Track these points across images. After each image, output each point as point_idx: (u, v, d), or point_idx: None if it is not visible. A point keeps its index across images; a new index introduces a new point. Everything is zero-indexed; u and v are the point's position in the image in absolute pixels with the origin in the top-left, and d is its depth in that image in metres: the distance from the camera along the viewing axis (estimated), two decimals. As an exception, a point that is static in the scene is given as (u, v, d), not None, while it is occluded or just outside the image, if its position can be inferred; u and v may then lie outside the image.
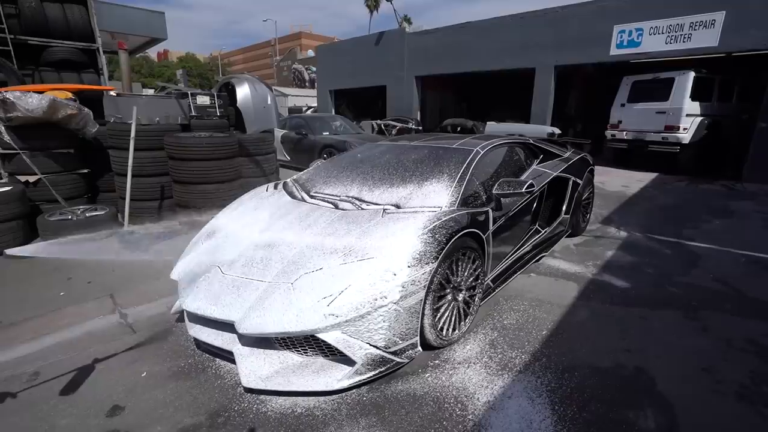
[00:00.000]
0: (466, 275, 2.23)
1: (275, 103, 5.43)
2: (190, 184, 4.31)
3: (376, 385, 1.90)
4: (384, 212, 2.28)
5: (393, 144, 3.33)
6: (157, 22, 14.37)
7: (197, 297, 2.03)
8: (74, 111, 4.02)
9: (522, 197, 2.89)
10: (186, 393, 1.89)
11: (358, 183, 2.79)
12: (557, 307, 2.70)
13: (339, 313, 1.72)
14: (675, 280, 3.17)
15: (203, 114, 5.11)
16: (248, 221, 2.54)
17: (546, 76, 9.74)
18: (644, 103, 8.35)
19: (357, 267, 1.84)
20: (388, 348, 1.85)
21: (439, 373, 2.00)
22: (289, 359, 1.88)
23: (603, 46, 8.71)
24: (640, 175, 8.10)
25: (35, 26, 6.21)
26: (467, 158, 2.75)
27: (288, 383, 1.79)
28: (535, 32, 9.69)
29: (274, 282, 1.92)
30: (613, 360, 2.11)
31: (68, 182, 4.40)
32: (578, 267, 3.40)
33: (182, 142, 4.17)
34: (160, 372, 2.06)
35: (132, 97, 4.43)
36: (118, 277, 3.25)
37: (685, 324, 2.50)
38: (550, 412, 1.73)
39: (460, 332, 2.26)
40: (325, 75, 16.58)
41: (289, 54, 45.82)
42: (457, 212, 2.23)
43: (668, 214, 5.22)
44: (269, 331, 1.75)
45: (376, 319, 1.78)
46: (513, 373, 1.99)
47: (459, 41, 11.32)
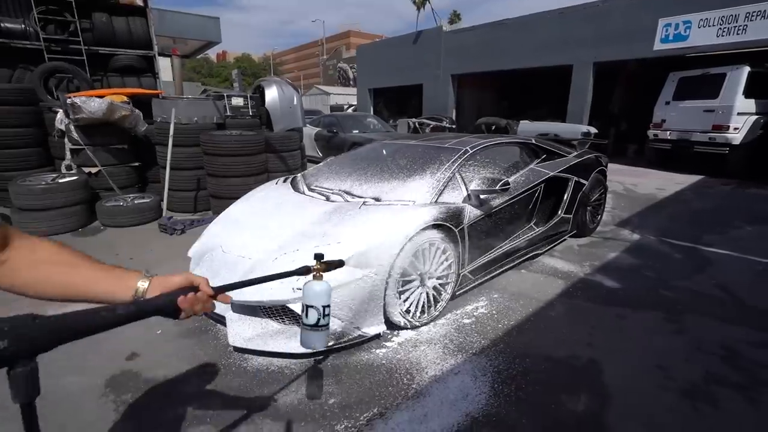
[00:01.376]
0: (434, 265, 2.43)
1: (301, 103, 5.85)
2: (221, 177, 4.82)
3: (342, 353, 2.18)
4: (363, 204, 2.54)
5: (394, 142, 3.56)
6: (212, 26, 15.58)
7: (201, 270, 2.43)
8: (128, 112, 4.67)
9: (509, 195, 3.01)
10: (188, 348, 2.29)
11: (353, 178, 3.07)
12: (535, 301, 2.81)
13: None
14: (672, 284, 3.11)
15: (237, 114, 5.64)
16: (254, 210, 2.91)
17: (584, 73, 9.38)
18: (691, 101, 7.82)
19: (326, 250, 2.11)
20: (351, 322, 2.12)
21: (400, 348, 2.23)
22: (269, 326, 2.21)
23: (646, 41, 8.24)
24: (681, 178, 7.62)
25: (105, 38, 7.14)
26: (453, 157, 2.93)
27: (264, 344, 2.12)
28: (574, 28, 9.36)
29: (260, 260, 2.25)
30: (570, 352, 2.22)
31: (122, 173, 5.10)
32: (573, 266, 3.43)
33: (215, 139, 4.68)
34: (171, 331, 2.48)
35: (174, 100, 5.04)
36: (155, 255, 3.79)
37: (662, 325, 2.51)
38: (488, 389, 1.90)
39: (429, 316, 2.47)
40: (365, 74, 17.01)
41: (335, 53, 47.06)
42: (428, 206, 2.43)
43: (696, 219, 4.97)
44: (248, 300, 2.08)
45: (340, 295, 2.05)
46: (467, 355, 2.18)
47: (496, 38, 11.19)
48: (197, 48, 17.58)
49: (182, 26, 14.44)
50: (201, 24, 15.37)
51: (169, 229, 4.32)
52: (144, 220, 4.64)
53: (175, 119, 4.66)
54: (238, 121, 5.62)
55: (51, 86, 6.25)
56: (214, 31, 15.45)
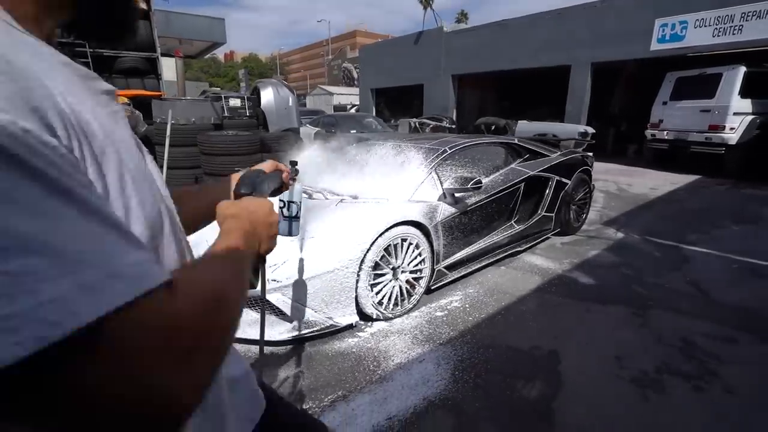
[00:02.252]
0: (406, 259, 2.55)
1: (296, 104, 5.99)
2: (218, 176, 4.98)
3: (316, 342, 2.31)
4: (340, 201, 2.66)
5: (376, 142, 3.68)
6: (217, 27, 15.82)
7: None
8: (127, 113, 4.85)
9: (485, 193, 3.12)
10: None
11: (336, 176, 3.19)
12: (509, 296, 2.91)
13: (280, 278, 2.14)
14: (645, 280, 3.20)
15: (234, 114, 5.80)
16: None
17: (582, 73, 9.41)
18: (687, 101, 7.82)
19: (299, 244, 2.25)
20: (323, 312, 2.25)
21: (371, 338, 2.35)
22: (247, 315, 2.34)
23: (643, 41, 8.25)
24: (676, 178, 7.63)
25: (109, 40, 7.35)
26: (430, 156, 3.04)
27: (243, 332, 2.25)
28: (572, 28, 9.39)
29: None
30: (534, 343, 2.32)
31: (123, 172, 5.28)
32: (553, 263, 3.53)
33: (211, 139, 4.85)
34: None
35: (172, 101, 5.22)
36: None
37: (627, 319, 2.60)
38: (449, 375, 2.02)
39: (402, 309, 2.59)
40: (367, 74, 17.14)
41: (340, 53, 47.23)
42: (401, 204, 2.55)
43: (684, 218, 5.02)
44: (228, 290, 2.22)
45: (312, 286, 2.18)
46: (434, 345, 2.29)
47: (495, 39, 11.25)
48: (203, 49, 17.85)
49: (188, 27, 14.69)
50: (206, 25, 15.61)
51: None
52: (143, 217, 4.82)
53: (173, 120, 4.83)
54: (235, 122, 5.79)
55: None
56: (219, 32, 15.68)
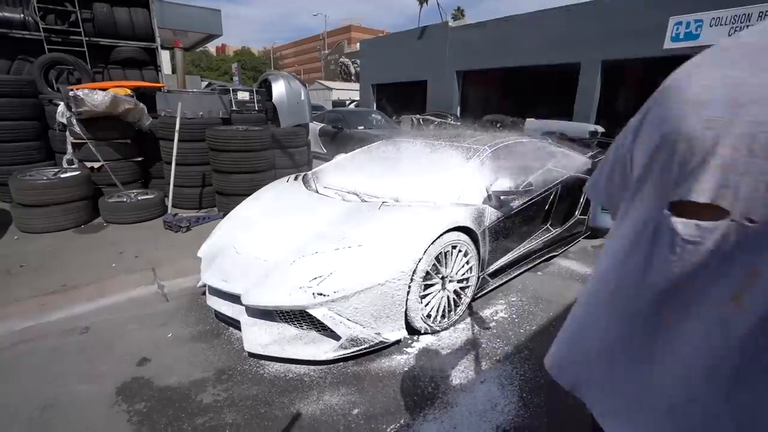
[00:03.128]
0: (455, 268, 2.35)
1: (308, 98, 5.74)
2: (227, 173, 4.72)
3: (362, 360, 2.10)
4: (382, 205, 2.45)
5: (406, 141, 3.47)
6: (213, 19, 15.36)
7: (213, 272, 2.34)
8: (131, 105, 4.56)
9: (526, 196, 2.93)
10: (201, 353, 2.21)
11: (368, 177, 2.98)
12: (555, 304, 2.74)
13: (326, 292, 1.93)
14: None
15: (243, 109, 5.53)
16: (265, 209, 2.82)
17: (591, 71, 9.29)
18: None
19: (347, 253, 2.04)
20: (372, 327, 2.04)
21: (421, 355, 2.16)
22: (286, 331, 2.13)
23: (656, 40, 8.14)
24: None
25: (106, 28, 6.98)
26: (472, 156, 2.84)
27: (282, 351, 2.04)
28: (582, 25, 9.24)
29: (276, 262, 2.17)
30: (597, 359, 2.15)
31: (126, 169, 4.98)
32: (589, 268, 3.37)
33: (221, 135, 4.58)
34: (183, 334, 2.39)
35: (179, 94, 4.93)
36: (161, 253, 3.70)
37: (688, 332, 2.44)
38: (517, 399, 1.83)
39: (449, 321, 2.40)
40: (368, 69, 16.86)
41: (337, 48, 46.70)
42: (451, 207, 2.35)
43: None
44: (266, 304, 2.00)
45: (361, 300, 1.97)
46: (491, 362, 2.10)
47: (502, 35, 11.07)
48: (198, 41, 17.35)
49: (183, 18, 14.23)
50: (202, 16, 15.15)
51: (174, 227, 4.23)
52: (147, 217, 4.54)
53: (181, 113, 4.55)
54: (243, 116, 5.51)
55: (51, 78, 6.11)
56: (216, 23, 15.22)
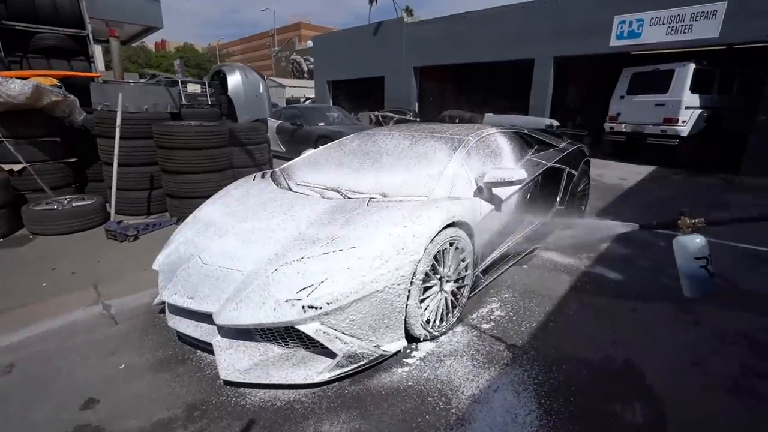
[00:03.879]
0: (453, 266, 2.18)
1: (268, 92, 5.33)
2: (179, 173, 4.23)
3: (359, 377, 1.86)
4: (370, 201, 2.22)
5: (383, 133, 3.25)
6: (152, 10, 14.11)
7: (176, 288, 1.97)
8: (59, 98, 3.93)
9: (514, 188, 2.83)
10: (164, 385, 1.85)
11: (346, 172, 2.73)
12: (548, 299, 2.66)
13: (318, 304, 1.66)
14: (669, 272, 3.11)
15: (194, 103, 5.01)
16: (232, 210, 2.47)
17: (545, 67, 9.61)
18: (643, 96, 8.25)
19: (339, 257, 1.78)
20: (370, 340, 1.80)
21: (424, 365, 1.95)
22: (269, 351, 1.83)
23: (603, 37, 8.57)
24: (638, 168, 8.03)
25: (23, 12, 6.07)
26: (458, 147, 2.68)
27: (267, 376, 1.74)
28: (535, 22, 9.53)
29: (254, 272, 1.86)
30: (602, 353, 2.07)
31: (55, 171, 4.31)
32: (572, 259, 3.35)
33: (171, 131, 4.08)
34: (138, 364, 2.01)
35: (119, 85, 4.34)
36: (104, 267, 3.19)
37: (677, 317, 2.45)
38: (536, 406, 1.68)
39: (447, 324, 2.22)
40: (323, 66, 16.39)
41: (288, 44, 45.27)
42: (444, 202, 2.17)
43: (663, 207, 5.17)
44: (245, 323, 1.69)
45: (358, 311, 1.73)
46: (500, 366, 1.95)
47: (458, 31, 11.16)
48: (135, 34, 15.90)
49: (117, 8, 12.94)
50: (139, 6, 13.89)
51: (120, 236, 3.70)
52: (86, 226, 3.95)
53: (123, 107, 3.99)
54: (195, 111, 4.99)
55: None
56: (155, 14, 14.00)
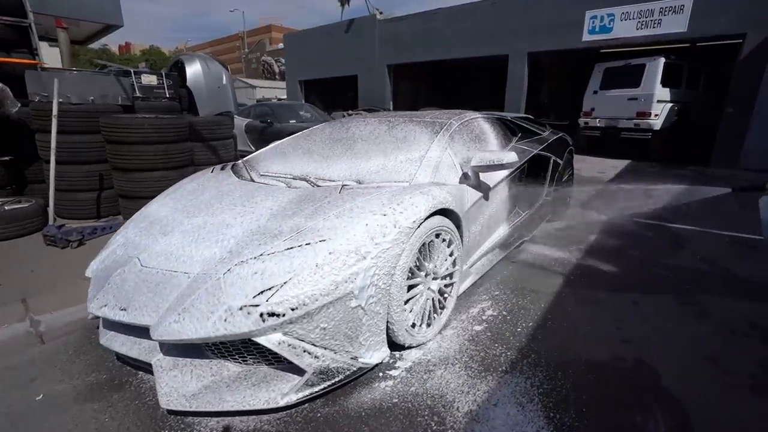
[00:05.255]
0: (440, 261, 1.91)
1: (231, 83, 4.95)
2: (131, 171, 3.79)
3: (335, 396, 1.55)
4: (342, 188, 1.92)
5: (358, 119, 2.96)
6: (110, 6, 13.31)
7: (106, 297, 1.61)
8: (-15, 86, 3.43)
9: (501, 175, 2.60)
10: (91, 419, 1.48)
11: (317, 159, 2.42)
12: (543, 295, 2.43)
13: (280, 310, 1.35)
14: (661, 262, 2.97)
15: (150, 95, 4.57)
16: (183, 205, 2.12)
17: (519, 63, 9.59)
18: (616, 90, 8.31)
19: (305, 252, 1.47)
20: (346, 351, 1.50)
21: (411, 378, 1.67)
22: (223, 370, 1.50)
23: (575, 32, 8.61)
24: (613, 162, 8.07)
25: (-49, -2, 5.43)
26: (440, 130, 2.43)
27: (220, 401, 1.41)
28: (508, 18, 9.51)
29: (202, 274, 1.53)
30: (610, 353, 1.84)
31: (-16, 171, 3.79)
32: (562, 252, 3.16)
33: (120, 123, 3.65)
34: (62, 392, 1.63)
35: (58, 72, 3.86)
36: (38, 277, 2.75)
37: (681, 309, 2.27)
38: (545, 421, 1.43)
39: (436, 328, 1.94)
40: (294, 65, 15.95)
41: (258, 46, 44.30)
42: (429, 186, 1.89)
43: (647, 198, 5.11)
44: (189, 338, 1.36)
45: (330, 317, 1.43)
46: (498, 375, 1.69)
47: (431, 28, 11.03)
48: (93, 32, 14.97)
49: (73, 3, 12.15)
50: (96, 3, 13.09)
51: (60, 241, 3.24)
52: (22, 232, 3.47)
53: (64, 98, 3.53)
54: (151, 104, 4.55)
55: None
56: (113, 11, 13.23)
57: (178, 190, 2.37)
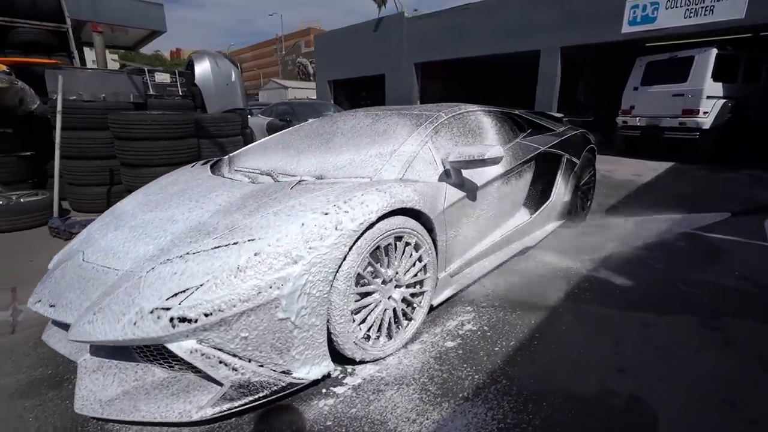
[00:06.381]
0: (404, 267, 1.70)
1: (241, 80, 4.96)
2: (138, 166, 3.86)
3: (267, 411, 1.39)
4: (298, 184, 1.76)
5: (348, 113, 2.80)
6: (155, 13, 14.11)
7: (42, 293, 1.56)
8: (4, 84, 3.62)
9: (494, 173, 2.34)
10: (17, 418, 1.42)
11: (292, 154, 2.29)
12: (536, 309, 2.15)
13: (193, 315, 1.21)
14: (689, 277, 2.56)
15: (163, 93, 4.67)
16: (148, 200, 2.05)
17: (551, 58, 9.04)
18: (660, 86, 7.60)
19: (229, 252, 1.33)
20: (275, 364, 1.34)
21: (355, 397, 1.48)
22: (149, 375, 1.39)
23: (614, 24, 7.96)
24: (654, 164, 7.37)
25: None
26: (422, 124, 2.21)
27: (134, 410, 1.29)
28: (540, 11, 8.98)
29: (128, 272, 1.43)
30: (601, 384, 1.55)
31: (7, 165, 4.01)
32: (571, 261, 2.82)
33: (127, 120, 3.72)
34: (5, 385, 1.59)
35: (71, 71, 4.02)
36: (35, 267, 2.82)
37: (702, 335, 1.91)
38: (496, 465, 1.19)
39: (399, 341, 1.74)
40: (324, 65, 16.10)
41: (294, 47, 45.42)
42: (389, 184, 1.69)
43: (683, 203, 4.56)
44: (99, 339, 1.25)
45: (252, 326, 1.27)
46: (456, 402, 1.46)
47: (460, 24, 10.68)
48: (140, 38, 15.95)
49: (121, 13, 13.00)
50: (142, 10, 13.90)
51: (63, 233, 3.34)
52: (35, 223, 3.62)
53: (76, 95, 3.66)
54: (164, 102, 4.65)
55: None
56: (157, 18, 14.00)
57: (154, 184, 2.32)
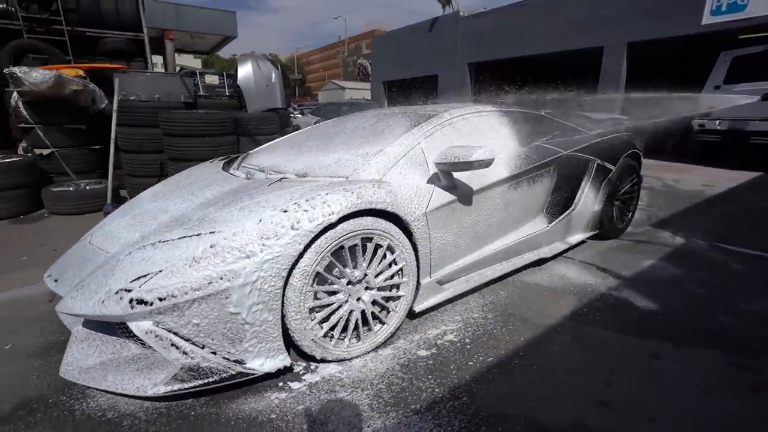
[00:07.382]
0: (374, 269, 1.67)
1: (281, 82, 5.20)
2: (182, 161, 4.22)
3: (221, 397, 1.46)
4: (278, 180, 1.81)
5: (362, 113, 2.82)
6: (228, 21, 15.39)
7: (54, 268, 1.78)
8: (79, 87, 4.16)
9: (496, 177, 2.20)
10: (25, 374, 1.66)
11: (293, 153, 2.36)
12: (532, 326, 1.99)
13: (149, 298, 1.30)
14: (733, 306, 2.20)
15: (212, 93, 5.06)
16: (162, 192, 2.24)
17: (616, 56, 8.26)
18: (747, 84, 6.61)
19: (189, 243, 1.41)
20: (228, 352, 1.39)
21: (306, 396, 1.48)
22: (125, 350, 1.52)
23: (692, 14, 7.06)
24: (734, 174, 6.43)
25: (91, 18, 6.77)
26: (419, 123, 2.15)
27: (102, 380, 1.42)
28: (604, 5, 8.26)
29: (113, 255, 1.58)
30: (574, 417, 1.40)
31: (80, 157, 4.61)
32: (592, 276, 2.57)
33: (173, 118, 4.10)
34: (27, 346, 1.86)
35: (131, 74, 4.51)
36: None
37: (725, 375, 1.64)
38: (420, 484, 1.12)
39: (367, 345, 1.71)
40: (379, 66, 16.31)
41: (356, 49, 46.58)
42: (360, 183, 1.66)
43: (759, 221, 3.92)
44: (76, 312, 1.41)
45: (203, 314, 1.33)
46: (405, 414, 1.40)
47: (516, 22, 10.20)
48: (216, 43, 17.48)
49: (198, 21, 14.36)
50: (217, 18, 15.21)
51: (115, 219, 3.76)
52: (92, 208, 4.12)
53: (135, 95, 4.11)
54: (212, 102, 5.05)
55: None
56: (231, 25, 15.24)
57: (174, 177, 2.54)
